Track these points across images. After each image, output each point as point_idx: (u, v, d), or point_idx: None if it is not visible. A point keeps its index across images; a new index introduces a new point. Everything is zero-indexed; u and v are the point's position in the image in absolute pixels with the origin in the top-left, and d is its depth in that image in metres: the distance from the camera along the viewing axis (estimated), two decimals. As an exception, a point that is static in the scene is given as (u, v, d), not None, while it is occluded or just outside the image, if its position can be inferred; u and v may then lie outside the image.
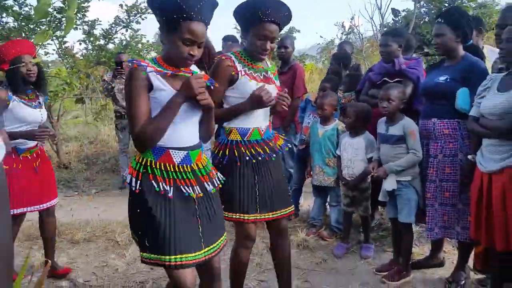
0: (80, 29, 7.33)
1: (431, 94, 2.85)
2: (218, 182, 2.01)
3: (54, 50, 9.40)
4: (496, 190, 2.33)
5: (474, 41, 3.38)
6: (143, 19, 7.57)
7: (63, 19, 6.30)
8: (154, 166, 1.84)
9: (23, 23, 6.41)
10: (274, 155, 2.35)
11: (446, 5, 8.03)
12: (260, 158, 2.28)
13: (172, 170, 1.85)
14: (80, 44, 7.68)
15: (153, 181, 1.81)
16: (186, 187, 1.85)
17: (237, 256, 2.38)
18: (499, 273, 2.54)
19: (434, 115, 2.80)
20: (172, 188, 1.82)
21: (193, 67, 1.98)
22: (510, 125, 2.25)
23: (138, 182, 1.82)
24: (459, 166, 2.70)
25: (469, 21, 2.80)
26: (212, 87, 1.97)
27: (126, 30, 7.67)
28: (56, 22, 6.48)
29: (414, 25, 8.25)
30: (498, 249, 2.38)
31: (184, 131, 1.89)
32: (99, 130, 8.62)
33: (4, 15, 6.49)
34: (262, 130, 2.35)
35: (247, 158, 2.26)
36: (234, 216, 2.28)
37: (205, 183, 1.93)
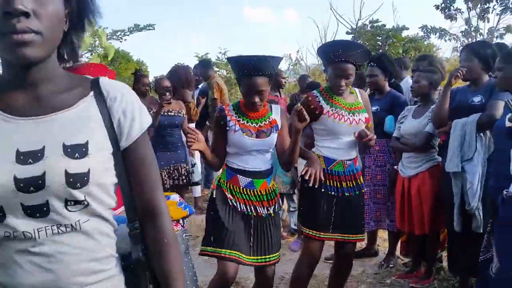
0: None
1: (367, 119, 3.71)
2: (276, 209, 2.37)
3: None
4: (414, 189, 3.16)
5: (403, 74, 4.46)
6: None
7: None
8: (225, 185, 2.33)
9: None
10: (355, 192, 2.55)
11: (379, 44, 9.29)
12: (338, 193, 2.50)
13: (238, 191, 2.30)
14: None
15: (227, 194, 2.30)
16: (244, 206, 2.28)
17: (298, 269, 2.56)
18: (418, 254, 3.39)
19: (368, 135, 3.65)
20: (239, 203, 2.29)
21: (274, 109, 2.38)
22: (421, 142, 3.12)
23: (214, 192, 2.35)
24: (387, 173, 3.55)
25: (393, 65, 3.71)
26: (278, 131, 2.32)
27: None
28: None
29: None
30: (416, 233, 3.18)
31: (251, 162, 2.30)
32: None
33: None
34: (347, 164, 2.53)
35: (327, 187, 2.49)
36: (308, 232, 2.52)
37: (265, 207, 2.32)
